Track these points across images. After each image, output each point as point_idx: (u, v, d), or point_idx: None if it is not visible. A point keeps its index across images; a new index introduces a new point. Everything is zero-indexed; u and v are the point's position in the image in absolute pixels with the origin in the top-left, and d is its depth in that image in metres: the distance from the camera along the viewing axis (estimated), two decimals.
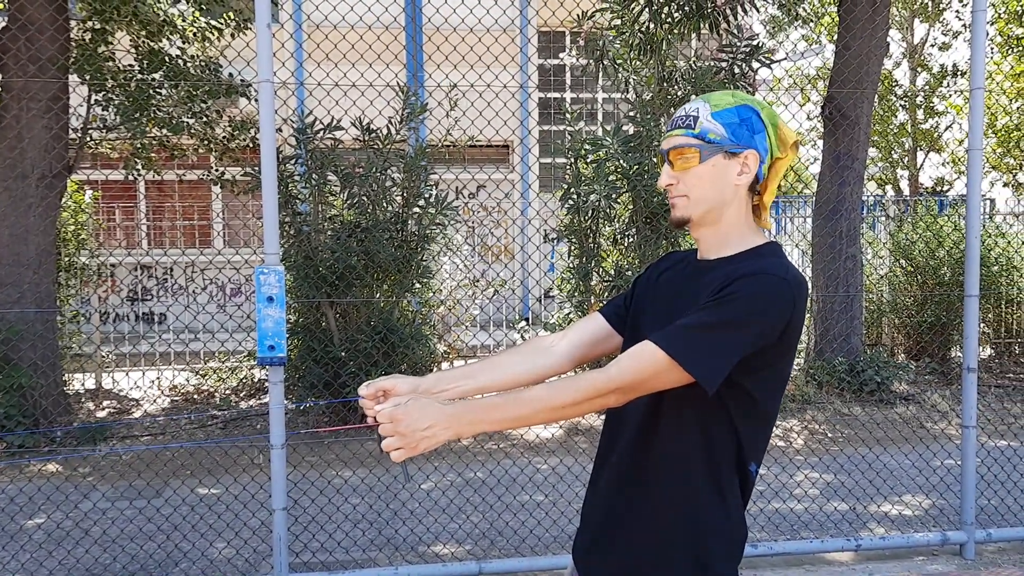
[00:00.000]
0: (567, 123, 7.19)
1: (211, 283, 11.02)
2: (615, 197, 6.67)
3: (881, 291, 9.79)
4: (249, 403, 7.90)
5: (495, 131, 5.71)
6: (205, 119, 7.86)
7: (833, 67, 8.59)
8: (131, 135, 7.50)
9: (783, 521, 4.78)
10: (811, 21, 16.09)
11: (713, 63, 7.03)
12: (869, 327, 9.70)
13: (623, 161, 6.60)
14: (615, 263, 7.11)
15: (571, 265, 7.15)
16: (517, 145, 12.32)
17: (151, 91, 7.34)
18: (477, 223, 11.08)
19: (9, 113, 6.44)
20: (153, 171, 8.30)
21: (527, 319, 9.68)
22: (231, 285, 11.08)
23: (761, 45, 7.05)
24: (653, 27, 6.79)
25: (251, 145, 8.10)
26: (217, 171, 8.33)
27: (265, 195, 3.61)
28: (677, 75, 7.03)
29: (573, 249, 7.08)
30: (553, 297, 8.85)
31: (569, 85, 13.56)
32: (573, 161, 6.88)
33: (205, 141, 8.06)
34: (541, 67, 13.25)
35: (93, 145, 7.88)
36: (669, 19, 6.78)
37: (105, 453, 6.32)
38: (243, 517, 4.71)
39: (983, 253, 8.66)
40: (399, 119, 6.71)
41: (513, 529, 4.65)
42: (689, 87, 6.82)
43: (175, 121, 7.50)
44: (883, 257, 9.89)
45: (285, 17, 11.86)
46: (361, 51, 5.43)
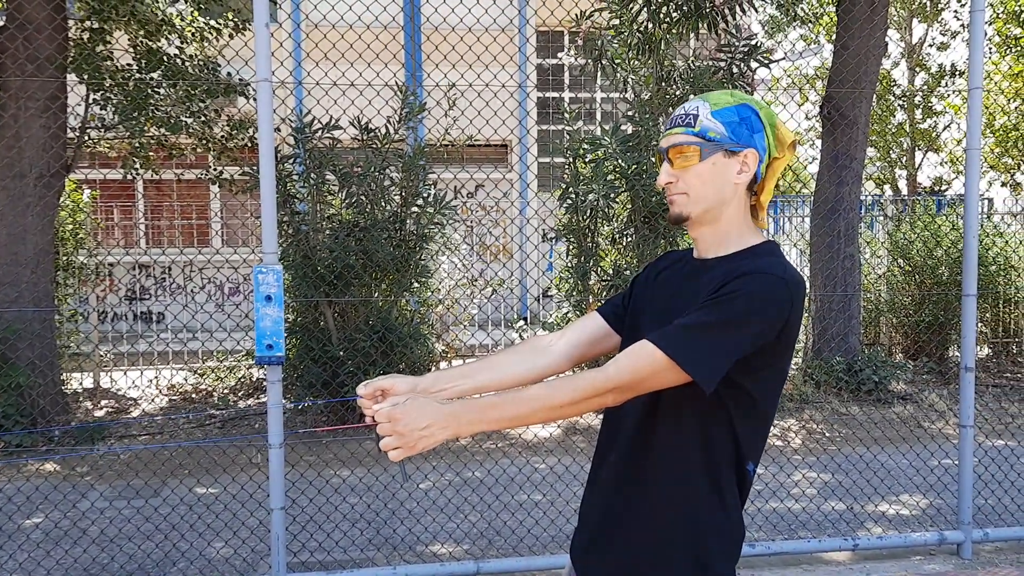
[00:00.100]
0: (565, 123, 7.19)
1: (209, 282, 11.02)
2: (613, 196, 6.68)
3: (879, 290, 9.80)
4: (247, 402, 7.90)
5: (493, 130, 5.71)
6: (203, 118, 7.86)
7: (831, 67, 8.60)
8: (129, 134, 7.50)
9: (781, 521, 4.79)
10: (810, 22, 16.09)
11: (711, 63, 7.03)
12: (867, 326, 9.71)
13: (621, 161, 6.60)
14: (613, 262, 7.12)
15: (569, 264, 7.14)
16: (515, 144, 12.33)
17: (149, 90, 7.34)
18: (475, 222, 11.08)
19: (7, 112, 6.43)
20: (151, 170, 8.30)
21: (525, 318, 9.68)
22: (229, 284, 11.08)
23: (759, 45, 7.05)
24: (651, 27, 6.80)
25: (249, 144, 8.09)
26: (215, 170, 8.33)
27: (263, 194, 3.61)
28: (675, 75, 7.03)
29: (571, 248, 7.08)
30: (551, 296, 8.85)
31: (567, 85, 13.57)
32: (571, 161, 6.88)
33: (203, 140, 8.06)
34: (539, 67, 13.25)
35: (91, 144, 7.88)
36: (667, 19, 6.78)
37: (103, 452, 6.32)
38: (241, 516, 4.71)
39: (981, 253, 8.67)
40: (397, 118, 6.71)
41: (511, 529, 4.65)
42: (687, 87, 6.83)
43: (173, 120, 7.50)
44: (881, 257, 9.90)
45: (283, 16, 11.85)
46: (359, 50, 5.42)
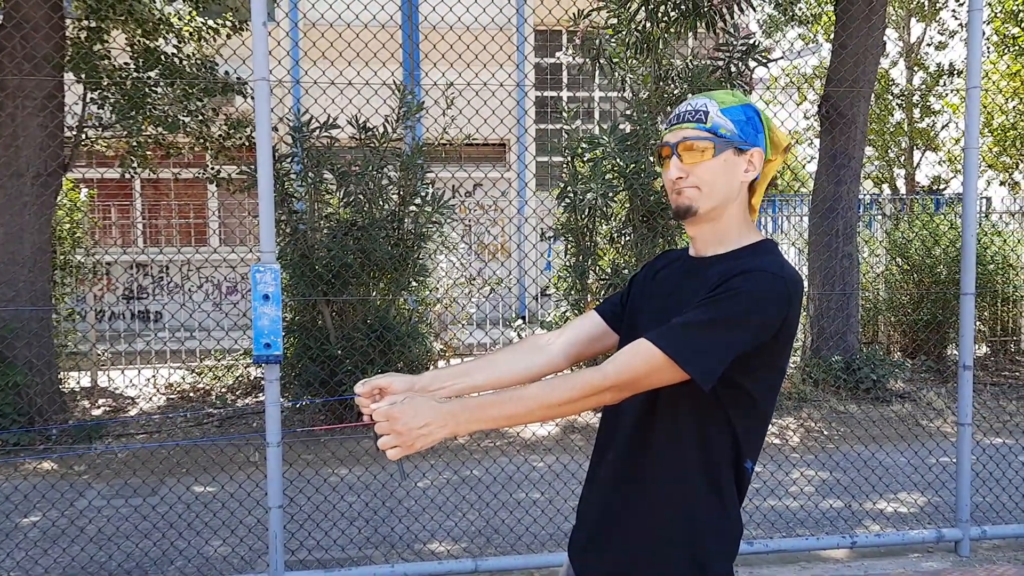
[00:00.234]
0: (564, 122, 7.19)
1: (207, 281, 11.01)
2: (612, 195, 6.67)
3: (877, 289, 9.81)
4: (245, 401, 7.89)
5: (491, 129, 5.70)
6: (201, 117, 7.85)
7: (830, 66, 8.60)
8: (127, 133, 7.49)
9: (779, 518, 4.79)
10: (807, 22, 16.09)
11: (709, 62, 7.03)
12: (865, 325, 9.72)
13: (620, 160, 6.59)
14: (612, 261, 7.11)
15: (568, 263, 7.14)
16: (514, 143, 12.32)
17: (147, 89, 7.33)
18: (474, 221, 11.08)
19: (4, 111, 6.43)
20: (149, 169, 8.29)
21: (523, 317, 9.68)
22: (227, 283, 11.07)
23: (757, 44, 7.05)
24: (649, 26, 6.79)
25: (247, 143, 8.08)
26: (213, 169, 8.32)
27: (261, 193, 3.60)
28: (673, 74, 7.03)
29: (570, 247, 7.07)
30: (549, 295, 8.85)
31: (566, 84, 13.56)
32: (570, 159, 6.88)
33: (201, 139, 8.06)
34: (538, 66, 13.25)
35: (88, 143, 7.87)
36: (666, 18, 6.78)
37: (101, 451, 6.31)
38: (239, 515, 4.71)
39: (979, 251, 8.67)
40: (395, 117, 6.71)
41: (509, 527, 4.65)
42: (685, 86, 6.82)
43: (171, 119, 7.49)
44: (879, 255, 9.90)
45: (281, 15, 11.84)
46: (357, 49, 5.42)
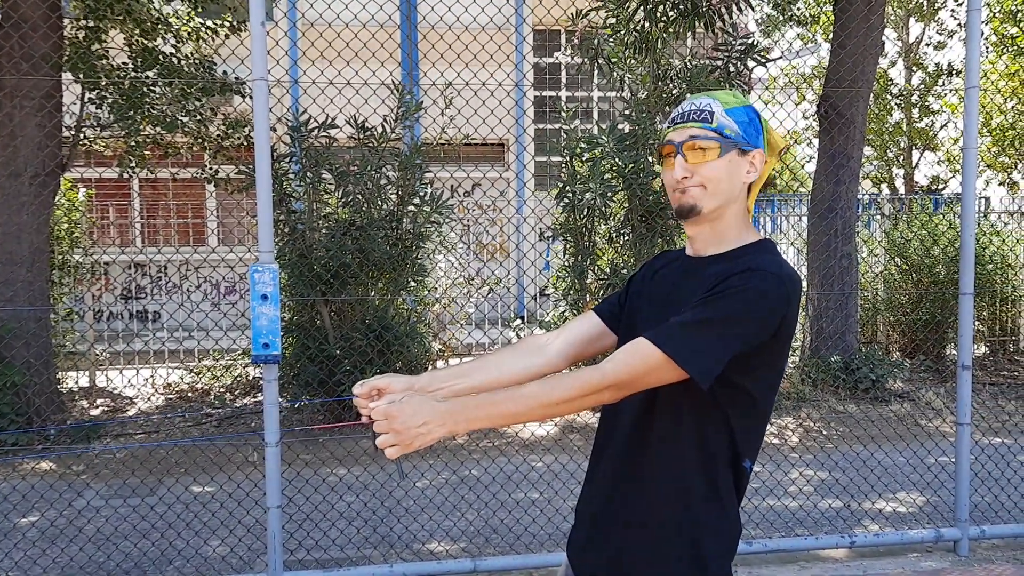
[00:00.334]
0: (562, 121, 7.18)
1: (205, 281, 11.01)
2: (610, 195, 6.67)
3: (876, 289, 9.81)
4: (243, 401, 7.88)
5: (490, 129, 5.70)
6: (199, 117, 7.84)
7: (828, 66, 8.60)
8: (125, 133, 7.48)
9: (778, 518, 4.79)
10: (805, 23, 16.09)
11: (708, 62, 7.03)
12: (864, 325, 9.72)
13: (618, 159, 6.59)
14: (610, 261, 7.11)
15: (566, 263, 7.14)
16: (512, 143, 12.32)
17: (145, 89, 7.33)
18: (472, 221, 11.08)
19: (2, 111, 6.42)
20: (147, 169, 8.29)
21: (522, 317, 9.67)
22: (225, 283, 11.07)
23: (756, 44, 7.04)
24: (648, 25, 6.79)
25: (245, 143, 8.08)
26: (211, 169, 8.31)
27: (259, 193, 3.60)
28: (672, 73, 7.03)
29: (568, 247, 7.07)
30: (548, 295, 8.85)
31: (564, 83, 13.56)
32: (568, 159, 6.88)
33: (199, 139, 8.05)
34: (536, 65, 13.25)
35: (87, 143, 7.87)
36: (664, 18, 6.77)
37: (99, 451, 6.30)
38: (237, 515, 4.70)
39: (978, 251, 8.70)
40: (394, 117, 6.70)
41: (508, 527, 4.64)
42: (684, 86, 6.82)
43: (169, 119, 7.48)
44: (878, 255, 9.91)
45: (280, 15, 11.84)
46: (356, 49, 5.41)
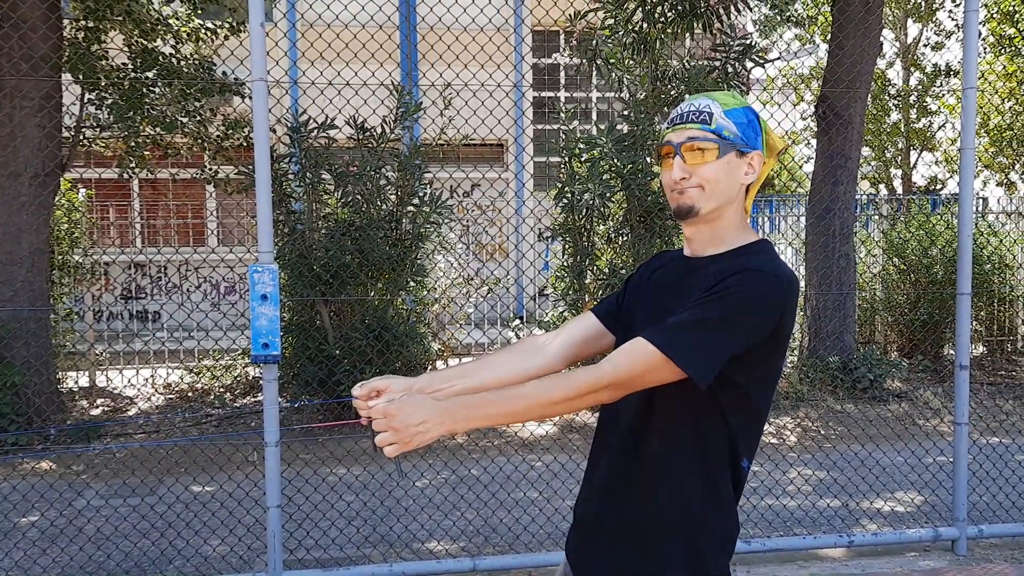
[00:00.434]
0: (561, 122, 7.20)
1: (205, 281, 11.01)
2: (609, 196, 6.69)
3: (874, 289, 9.83)
4: (243, 401, 7.90)
5: (489, 130, 5.70)
6: (199, 118, 7.85)
7: (826, 67, 8.62)
8: (124, 134, 7.49)
9: (776, 517, 4.80)
10: (803, 23, 16.12)
11: (706, 62, 7.04)
12: (862, 325, 9.74)
13: (617, 160, 6.61)
14: (609, 261, 7.13)
15: (565, 264, 7.16)
16: (511, 144, 12.33)
17: (144, 90, 7.34)
18: (471, 222, 11.09)
19: (2, 112, 6.43)
20: (147, 170, 8.29)
21: (521, 317, 9.69)
22: (225, 283, 11.07)
23: (754, 44, 7.06)
24: (646, 26, 6.81)
25: (245, 144, 8.08)
26: (211, 170, 8.31)
27: (259, 194, 3.61)
28: (670, 74, 7.04)
29: (567, 248, 7.09)
30: (547, 295, 8.86)
31: (563, 84, 13.57)
32: (567, 160, 6.89)
33: (199, 140, 8.05)
34: (535, 66, 13.26)
35: (86, 144, 7.87)
36: (662, 18, 6.79)
37: (99, 451, 6.31)
38: (237, 514, 4.71)
39: (975, 251, 8.71)
40: (393, 118, 6.71)
41: (507, 526, 4.66)
42: (683, 86, 6.84)
43: (169, 120, 7.49)
44: (876, 256, 9.92)
45: (279, 16, 11.84)
46: (355, 50, 5.42)
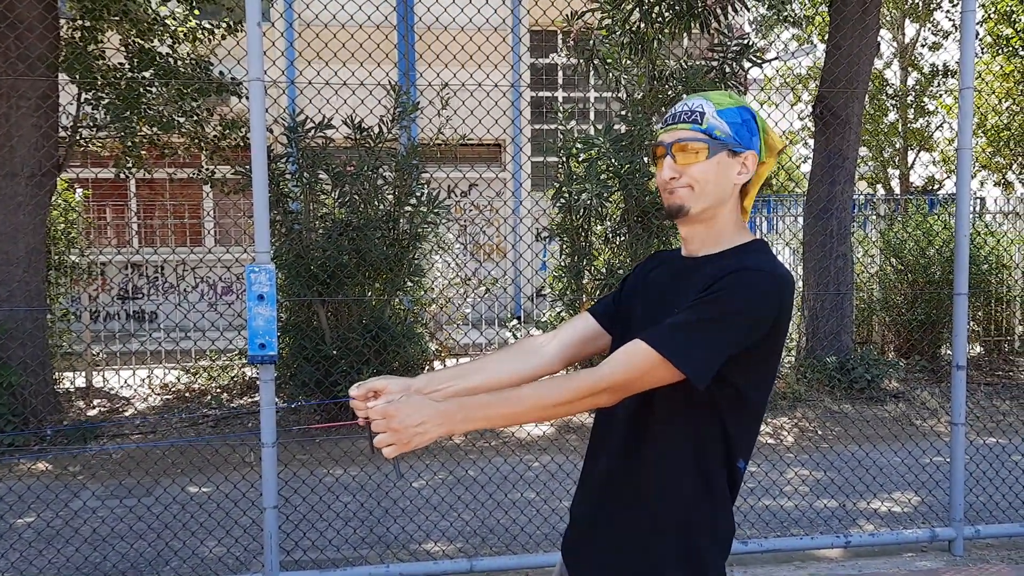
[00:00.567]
0: (559, 122, 7.20)
1: (202, 281, 11.00)
2: (607, 196, 6.68)
3: (872, 289, 9.84)
4: (240, 401, 7.88)
5: (486, 130, 5.70)
6: (196, 118, 7.84)
7: (824, 67, 8.62)
8: (121, 134, 7.48)
9: (773, 518, 4.80)
10: (800, 24, 16.13)
11: (704, 62, 7.04)
12: (859, 325, 9.74)
13: (615, 160, 6.60)
14: (607, 262, 7.12)
15: (563, 264, 7.16)
16: (509, 144, 12.33)
17: (141, 90, 7.32)
18: (469, 222, 11.09)
19: None
20: (143, 170, 8.28)
21: (519, 317, 9.68)
22: (222, 283, 11.06)
23: (751, 44, 7.06)
24: (644, 26, 6.80)
25: (242, 144, 8.07)
26: (208, 170, 8.30)
27: (256, 194, 3.60)
28: (668, 74, 7.04)
29: (565, 248, 7.09)
30: (545, 296, 8.86)
31: (561, 84, 13.57)
32: (565, 160, 6.89)
33: (196, 140, 8.04)
34: (533, 66, 13.26)
35: (83, 143, 7.86)
36: (660, 18, 6.79)
37: (95, 451, 6.30)
38: (234, 515, 4.70)
39: (973, 252, 8.72)
40: (391, 118, 6.71)
41: (504, 527, 4.65)
42: (680, 86, 6.84)
43: (165, 120, 7.48)
44: (873, 256, 9.93)
45: (276, 15, 11.83)
46: (352, 50, 5.42)
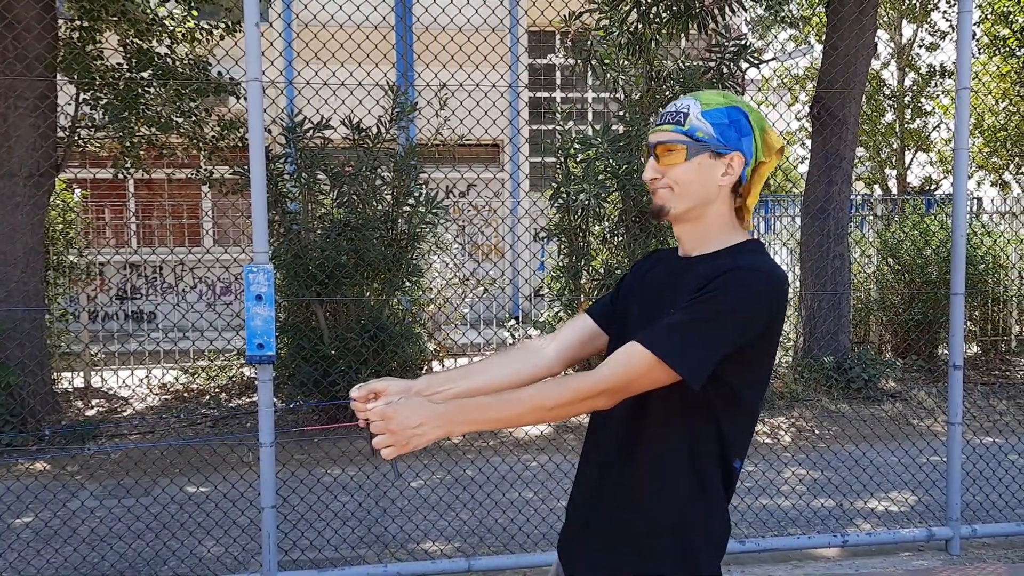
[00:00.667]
0: (556, 122, 7.21)
1: (200, 282, 11.00)
2: (604, 196, 6.70)
3: (868, 289, 9.85)
4: (238, 401, 7.89)
5: (484, 130, 5.71)
6: (194, 118, 7.84)
7: (821, 67, 8.63)
8: (119, 134, 7.48)
9: (770, 517, 4.82)
10: (797, 24, 16.16)
11: (701, 63, 7.05)
12: (856, 325, 9.76)
13: (612, 160, 6.62)
14: (604, 262, 7.14)
15: (561, 264, 7.17)
16: (507, 144, 12.34)
17: (140, 90, 7.33)
18: (467, 222, 11.09)
19: None
20: (142, 170, 8.28)
21: (517, 318, 9.69)
22: (220, 284, 11.06)
23: (749, 45, 7.07)
24: (641, 27, 6.82)
25: (240, 144, 8.08)
26: (206, 170, 8.31)
27: (254, 194, 3.61)
28: (665, 75, 7.06)
29: (563, 248, 7.10)
30: (543, 296, 8.87)
31: (558, 84, 13.58)
32: (563, 160, 6.90)
33: (194, 140, 8.04)
34: (530, 66, 13.27)
35: (81, 144, 7.86)
36: (657, 19, 6.80)
37: (94, 452, 6.30)
38: (232, 515, 4.71)
39: (969, 252, 8.74)
40: (389, 118, 6.71)
41: (502, 526, 4.66)
42: (678, 87, 6.85)
43: (164, 120, 7.48)
44: (870, 256, 9.94)
45: (274, 16, 11.83)
46: (350, 50, 5.42)
